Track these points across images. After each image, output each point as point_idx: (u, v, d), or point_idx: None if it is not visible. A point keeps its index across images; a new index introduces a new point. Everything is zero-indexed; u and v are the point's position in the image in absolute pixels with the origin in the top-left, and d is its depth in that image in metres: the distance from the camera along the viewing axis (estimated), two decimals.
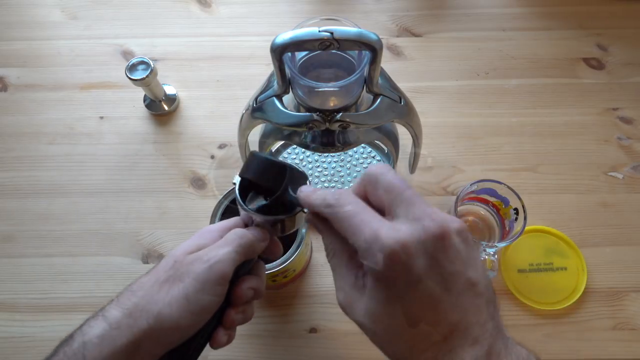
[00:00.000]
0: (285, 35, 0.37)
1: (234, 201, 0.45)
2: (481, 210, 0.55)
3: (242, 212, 0.38)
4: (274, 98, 0.43)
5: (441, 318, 0.29)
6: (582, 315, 0.52)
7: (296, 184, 0.36)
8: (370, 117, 0.43)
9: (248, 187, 0.38)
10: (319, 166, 0.59)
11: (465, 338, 0.29)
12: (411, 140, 0.50)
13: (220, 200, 0.45)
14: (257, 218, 0.37)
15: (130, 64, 0.59)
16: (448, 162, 0.60)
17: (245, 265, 0.37)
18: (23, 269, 0.56)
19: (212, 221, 0.45)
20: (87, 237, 0.57)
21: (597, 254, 0.54)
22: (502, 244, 0.49)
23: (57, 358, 0.33)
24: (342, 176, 0.58)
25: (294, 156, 0.60)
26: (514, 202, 0.50)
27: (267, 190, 0.37)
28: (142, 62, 0.59)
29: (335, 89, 0.42)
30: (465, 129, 0.62)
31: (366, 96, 0.44)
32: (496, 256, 0.50)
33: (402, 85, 0.46)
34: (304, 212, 0.37)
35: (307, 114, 0.43)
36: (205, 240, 0.37)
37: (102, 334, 0.32)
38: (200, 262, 0.34)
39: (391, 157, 0.51)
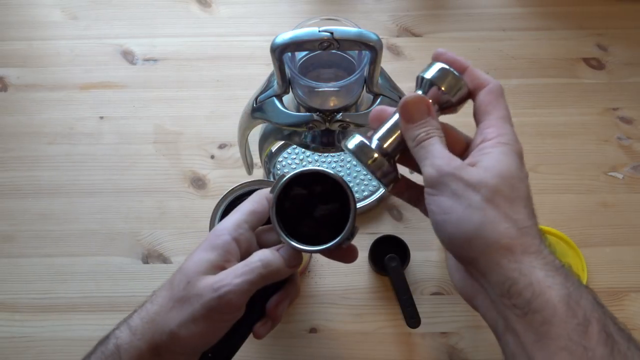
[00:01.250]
0: (285, 35, 0.37)
1: (234, 201, 0.45)
2: None
3: (275, 228, 0.36)
4: (274, 98, 0.43)
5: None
6: None
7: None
8: None
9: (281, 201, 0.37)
10: (319, 166, 0.59)
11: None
12: None
13: (220, 200, 0.45)
14: (301, 249, 0.36)
15: None
16: None
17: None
18: (23, 269, 0.55)
19: (212, 223, 0.45)
20: (87, 237, 0.57)
21: (597, 254, 0.54)
22: None
23: (96, 354, 0.35)
24: (342, 176, 0.58)
25: (294, 156, 0.60)
26: None
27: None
28: None
29: (335, 89, 0.42)
30: (465, 128, 0.62)
31: (366, 96, 0.44)
32: None
33: (402, 85, 0.46)
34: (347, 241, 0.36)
35: (307, 114, 0.43)
36: (221, 257, 0.35)
37: (130, 342, 0.34)
38: (210, 290, 0.33)
39: None
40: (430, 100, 0.34)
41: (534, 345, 0.27)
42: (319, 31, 0.37)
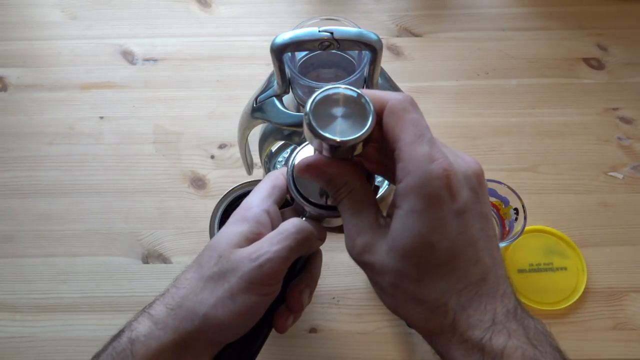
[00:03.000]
0: (285, 35, 0.37)
1: (234, 201, 0.45)
2: None
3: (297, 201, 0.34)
4: (274, 98, 0.43)
5: (479, 257, 0.27)
6: (582, 315, 0.52)
7: None
8: None
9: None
10: None
11: (496, 288, 0.28)
12: None
13: (220, 200, 0.45)
14: (323, 214, 0.33)
15: None
16: None
17: (301, 259, 0.34)
18: (23, 269, 0.56)
19: (212, 223, 0.45)
20: (87, 237, 0.57)
21: (597, 254, 0.54)
22: (502, 244, 0.49)
23: (106, 352, 0.31)
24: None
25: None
26: (514, 202, 0.50)
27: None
28: None
29: None
30: (465, 129, 0.62)
31: None
32: None
33: (402, 85, 0.46)
34: None
35: None
36: (254, 228, 0.32)
37: (148, 333, 0.31)
38: (248, 260, 0.30)
39: None
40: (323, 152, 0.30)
41: None
42: (319, 31, 0.37)
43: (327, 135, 0.28)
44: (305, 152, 0.34)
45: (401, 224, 0.27)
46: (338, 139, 0.28)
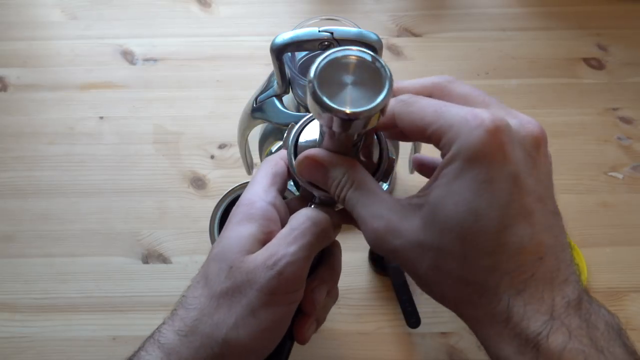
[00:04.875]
0: (285, 35, 0.37)
1: (234, 201, 0.45)
2: None
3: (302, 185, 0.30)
4: (274, 98, 0.43)
5: (535, 232, 0.23)
6: None
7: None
8: None
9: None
10: None
11: (555, 273, 0.23)
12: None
13: (220, 200, 0.45)
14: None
15: None
16: None
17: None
18: (23, 269, 0.55)
19: (212, 223, 0.45)
20: (87, 237, 0.57)
21: (597, 254, 0.54)
22: None
23: None
24: None
25: None
26: None
27: None
28: None
29: None
30: None
31: None
32: None
33: None
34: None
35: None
36: (263, 227, 0.28)
37: None
38: (264, 268, 0.26)
39: None
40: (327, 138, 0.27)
41: None
42: (319, 31, 0.37)
43: (334, 106, 0.23)
44: (309, 130, 0.31)
45: (441, 192, 0.23)
46: (348, 110, 0.23)
